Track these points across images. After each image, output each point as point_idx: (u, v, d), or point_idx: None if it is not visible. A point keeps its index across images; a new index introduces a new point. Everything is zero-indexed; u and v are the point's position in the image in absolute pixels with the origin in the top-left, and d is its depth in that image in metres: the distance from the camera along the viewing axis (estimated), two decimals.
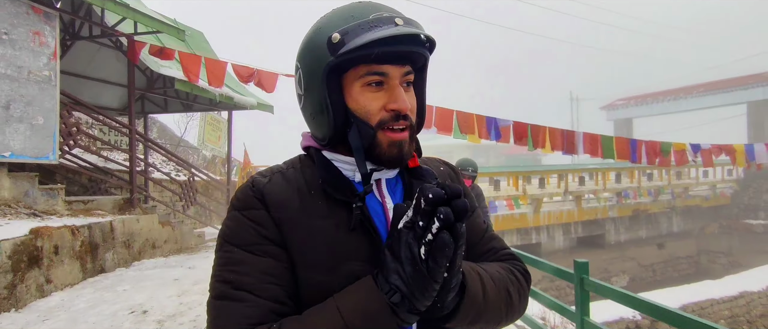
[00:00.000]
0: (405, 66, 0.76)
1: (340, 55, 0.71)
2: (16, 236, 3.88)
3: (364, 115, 0.75)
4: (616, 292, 2.75)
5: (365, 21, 0.71)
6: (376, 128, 0.75)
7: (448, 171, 0.96)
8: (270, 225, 0.74)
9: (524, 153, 41.09)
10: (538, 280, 12.40)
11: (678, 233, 17.15)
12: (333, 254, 0.73)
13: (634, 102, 29.00)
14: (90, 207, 6.12)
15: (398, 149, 0.76)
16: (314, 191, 0.78)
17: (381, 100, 0.75)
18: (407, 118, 0.76)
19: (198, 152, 16.29)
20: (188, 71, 7.03)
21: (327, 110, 0.76)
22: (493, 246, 0.92)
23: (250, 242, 0.73)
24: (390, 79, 0.75)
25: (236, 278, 0.71)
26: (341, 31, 0.71)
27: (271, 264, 0.72)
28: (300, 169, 0.82)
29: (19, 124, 4.88)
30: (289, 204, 0.76)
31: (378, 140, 0.75)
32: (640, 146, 8.49)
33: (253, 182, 0.79)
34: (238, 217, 0.76)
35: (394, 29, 0.70)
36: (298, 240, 0.74)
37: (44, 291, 4.18)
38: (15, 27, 4.81)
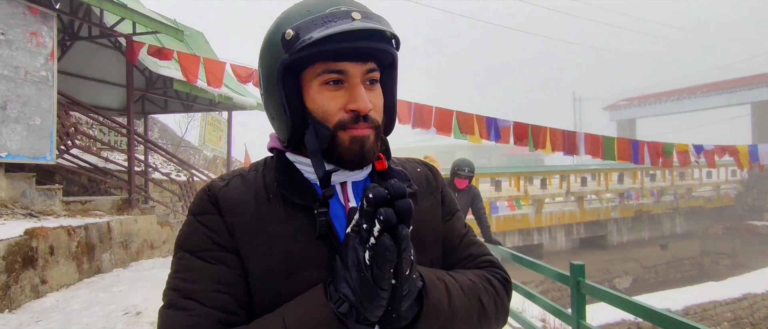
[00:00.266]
0: (367, 63, 0.72)
1: (294, 52, 0.67)
2: (10, 237, 3.86)
3: (322, 115, 0.71)
4: (611, 296, 2.71)
5: (319, 16, 0.67)
6: (335, 129, 0.71)
7: (426, 173, 0.90)
8: (222, 231, 0.71)
9: (526, 154, 40.95)
10: (541, 281, 12.36)
11: (681, 234, 17.05)
12: (288, 261, 0.70)
13: (638, 102, 28.86)
14: (88, 208, 6.11)
15: (360, 146, 0.71)
16: (273, 195, 0.74)
17: (340, 99, 0.71)
18: (369, 119, 0.71)
19: (199, 153, 16.31)
20: (187, 71, 7.01)
21: (284, 111, 0.72)
22: (471, 253, 0.87)
23: (202, 248, 0.71)
24: (349, 78, 0.71)
25: (185, 286, 0.68)
26: (294, 27, 0.67)
27: (222, 271, 0.69)
28: (262, 171, 0.78)
29: (15, 124, 4.88)
30: (244, 209, 0.72)
31: (339, 139, 0.71)
32: (642, 147, 8.43)
33: (210, 187, 0.76)
34: (192, 222, 0.74)
35: (348, 24, 0.65)
36: (251, 247, 0.71)
37: (39, 292, 4.17)
38: (11, 27, 4.80)
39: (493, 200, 12.34)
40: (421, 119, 7.30)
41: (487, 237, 5.02)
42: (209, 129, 12.33)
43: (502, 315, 0.82)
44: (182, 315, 0.66)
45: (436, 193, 0.88)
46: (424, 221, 0.81)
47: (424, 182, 0.87)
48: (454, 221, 0.88)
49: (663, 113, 27.95)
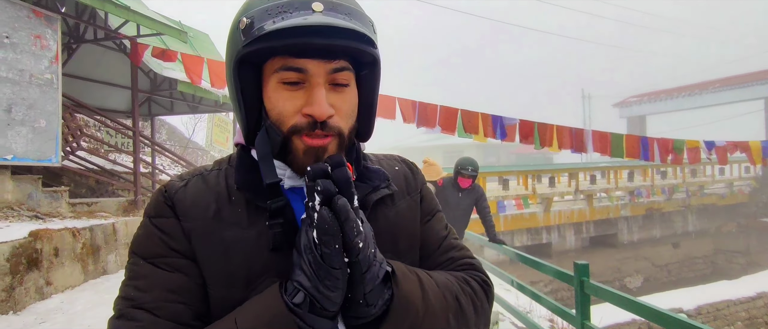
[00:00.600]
0: (333, 61, 0.63)
1: (246, 44, 0.60)
2: (14, 239, 3.89)
3: (277, 117, 0.65)
4: (615, 296, 2.64)
5: (274, 5, 0.60)
6: (288, 134, 0.64)
7: (405, 171, 0.83)
8: (179, 236, 0.66)
9: (535, 152, 40.69)
10: (550, 280, 12.24)
11: (693, 232, 16.78)
12: (249, 269, 0.65)
13: (648, 99, 28.50)
14: (93, 209, 6.15)
15: (314, 157, 0.64)
16: (235, 197, 0.68)
17: (297, 101, 0.64)
18: (327, 127, 0.63)
19: (207, 154, 16.41)
20: (191, 73, 7.04)
21: (238, 105, 0.66)
22: (452, 256, 0.80)
23: (156, 254, 0.66)
24: (310, 77, 0.63)
25: (136, 294, 0.64)
26: (249, 15, 0.61)
27: (177, 279, 0.64)
28: (225, 170, 0.72)
29: (21, 127, 4.92)
30: (203, 213, 0.67)
31: (293, 145, 0.65)
32: (651, 144, 8.29)
33: (167, 187, 0.70)
34: (147, 225, 0.68)
35: (301, 19, 0.57)
36: (209, 254, 0.65)
37: (44, 294, 4.19)
38: (16, 30, 4.84)
39: (500, 199, 12.24)
40: (425, 118, 7.25)
41: (492, 237, 4.96)
42: (216, 130, 12.40)
43: (482, 321, 0.76)
44: (132, 326, 0.62)
45: (414, 193, 0.81)
46: (399, 225, 0.75)
47: (402, 180, 0.81)
48: (433, 222, 0.82)
49: (674, 110, 27.58)
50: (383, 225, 0.73)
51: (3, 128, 4.74)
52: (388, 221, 0.74)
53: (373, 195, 0.72)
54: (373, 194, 0.72)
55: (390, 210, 0.75)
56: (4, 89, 4.73)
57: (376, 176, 0.73)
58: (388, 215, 0.74)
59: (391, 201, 0.76)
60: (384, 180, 0.74)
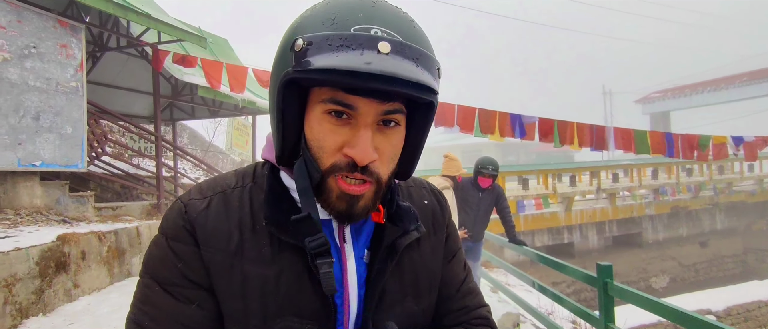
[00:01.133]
0: (386, 103, 0.58)
1: (298, 70, 0.55)
2: (43, 243, 4.01)
3: (317, 150, 0.60)
4: (640, 297, 2.57)
5: (338, 34, 0.53)
6: (326, 174, 0.60)
7: (433, 206, 0.79)
8: (197, 266, 0.63)
9: (555, 150, 40.11)
10: (573, 280, 12.04)
11: (722, 230, 16.29)
12: (269, 306, 0.62)
13: (672, 94, 27.82)
14: (118, 213, 6.30)
15: (347, 204, 0.60)
16: (259, 226, 0.64)
17: (340, 137, 0.59)
18: (367, 171, 0.59)
19: (227, 157, 16.64)
20: (210, 77, 7.15)
21: (278, 126, 0.62)
22: (467, 305, 0.78)
23: (171, 281, 0.63)
24: (359, 116, 0.58)
25: (149, 324, 0.62)
26: (307, 39, 0.54)
27: (192, 312, 0.62)
28: (249, 189, 0.67)
29: (48, 134, 5.07)
30: (225, 244, 0.63)
31: (327, 186, 0.60)
32: (676, 141, 8.07)
33: (187, 208, 0.65)
34: (164, 246, 0.65)
35: (362, 61, 0.51)
36: (227, 289, 0.62)
37: (72, 296, 4.31)
38: (43, 40, 4.99)
39: (520, 198, 12.10)
40: (443, 118, 7.21)
41: (512, 237, 4.90)
42: (236, 134, 12.57)
43: None
44: None
45: (441, 231, 0.79)
46: (424, 266, 0.73)
47: (430, 217, 0.78)
48: (454, 262, 0.80)
49: (699, 105, 26.85)
50: (408, 267, 0.71)
51: (31, 135, 4.89)
52: (413, 263, 0.72)
53: (404, 240, 0.68)
54: (404, 239, 0.68)
55: (415, 252, 0.72)
56: (32, 97, 4.88)
57: (406, 217, 0.69)
58: (413, 256, 0.72)
59: (417, 242, 0.73)
60: (414, 221, 0.70)
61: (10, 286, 3.57)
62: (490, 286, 6.04)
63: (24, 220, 4.68)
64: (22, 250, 3.73)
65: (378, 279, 0.66)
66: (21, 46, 4.78)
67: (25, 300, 3.72)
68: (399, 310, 0.68)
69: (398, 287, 0.69)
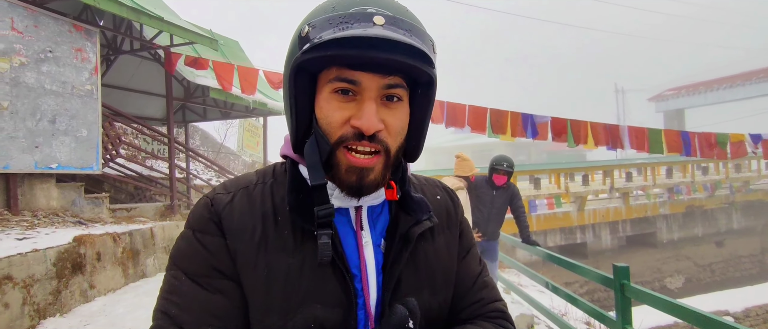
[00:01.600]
0: (387, 77, 0.63)
1: (305, 52, 0.60)
2: (60, 244, 4.07)
3: (326, 126, 0.64)
4: (658, 299, 2.53)
5: (337, 15, 0.59)
6: (335, 145, 0.64)
7: (446, 202, 0.83)
8: (224, 257, 0.65)
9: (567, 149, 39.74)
10: (586, 280, 11.91)
11: (739, 230, 16.00)
12: (292, 296, 0.64)
13: (686, 91, 27.40)
14: (133, 214, 6.37)
15: (357, 176, 0.64)
16: (281, 218, 0.67)
17: (347, 112, 0.63)
18: (376, 139, 0.63)
19: (238, 158, 16.76)
20: (222, 79, 7.20)
21: (291, 111, 0.66)
22: (482, 297, 0.80)
23: (199, 272, 0.65)
24: (362, 90, 0.63)
25: (176, 312, 0.64)
26: (311, 24, 0.61)
27: (218, 302, 0.64)
28: (270, 185, 0.71)
29: (64, 137, 5.14)
30: (250, 235, 0.66)
31: (337, 160, 0.64)
32: (692, 139, 7.93)
33: (213, 202, 0.69)
34: (191, 239, 0.67)
35: (361, 30, 0.57)
36: (253, 278, 0.65)
37: (88, 297, 4.36)
38: (58, 45, 5.06)
39: (532, 198, 12.00)
40: (454, 118, 7.18)
41: (525, 237, 4.85)
42: (247, 135, 12.65)
43: None
44: None
45: (454, 227, 0.81)
46: (438, 260, 0.75)
47: (443, 212, 0.80)
48: (469, 258, 0.82)
49: (715, 102, 26.40)
50: (422, 260, 0.73)
51: (48, 138, 4.96)
52: (427, 256, 0.74)
53: (417, 228, 0.71)
54: (417, 227, 0.71)
55: (430, 245, 0.75)
56: (48, 100, 4.95)
57: (418, 207, 0.72)
58: (427, 249, 0.74)
59: (431, 234, 0.75)
60: (426, 212, 0.72)
61: (29, 287, 3.63)
62: (503, 287, 6.00)
63: (41, 222, 4.75)
64: (39, 251, 3.79)
65: (394, 267, 0.68)
66: (37, 50, 4.85)
67: (43, 300, 3.78)
68: (417, 300, 0.70)
69: (414, 278, 0.71)
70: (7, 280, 3.45)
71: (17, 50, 4.66)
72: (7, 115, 4.58)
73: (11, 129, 4.61)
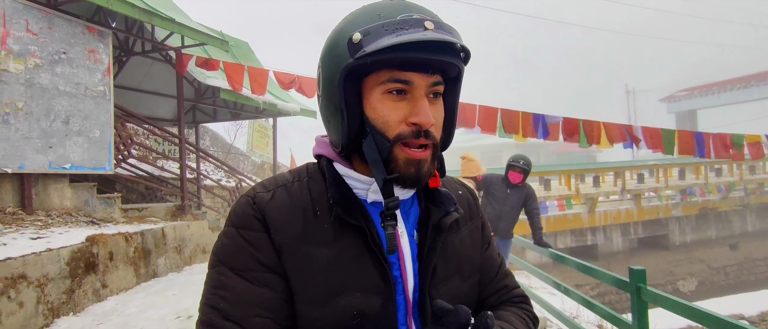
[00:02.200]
0: (433, 76, 0.69)
1: (360, 57, 0.64)
2: (73, 244, 4.10)
3: (382, 125, 0.68)
4: (675, 303, 2.48)
5: (390, 21, 0.64)
6: (393, 142, 0.68)
7: (467, 196, 0.89)
8: (269, 251, 0.69)
9: (578, 151, 39.41)
10: (597, 283, 11.78)
11: (753, 232, 15.74)
12: (334, 284, 0.68)
13: (699, 92, 27.05)
14: (144, 214, 6.41)
15: (416, 168, 0.69)
16: (320, 211, 0.71)
17: (402, 111, 0.68)
18: (429, 135, 0.69)
19: (248, 159, 16.84)
20: (232, 80, 7.23)
21: (342, 115, 0.69)
22: (506, 285, 0.88)
23: (245, 267, 0.68)
24: (414, 89, 0.68)
25: (225, 306, 0.66)
26: (363, 31, 0.64)
27: (264, 294, 0.67)
28: (306, 183, 0.75)
29: (77, 137, 5.19)
30: (292, 227, 0.70)
31: (394, 155, 0.69)
32: (707, 140, 7.81)
33: (255, 198, 0.72)
34: (235, 236, 0.70)
35: (420, 34, 0.62)
36: (296, 270, 0.68)
37: (100, 296, 4.39)
38: (72, 46, 5.12)
39: (542, 199, 11.90)
40: (464, 118, 7.13)
41: (538, 239, 4.80)
42: (256, 136, 12.69)
43: None
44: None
45: (476, 218, 0.88)
46: (464, 249, 0.81)
47: (465, 205, 0.86)
48: (491, 250, 0.89)
49: (728, 103, 26.02)
50: (451, 249, 0.78)
51: (62, 138, 5.01)
52: (455, 245, 0.80)
53: (447, 219, 0.76)
54: (447, 218, 0.76)
55: (456, 235, 0.81)
56: (62, 101, 5.01)
57: (446, 199, 0.77)
58: (455, 239, 0.80)
59: (457, 225, 0.81)
60: (452, 204, 0.77)
61: (43, 286, 3.66)
62: None
63: (55, 221, 4.80)
64: (53, 251, 3.82)
65: (430, 255, 0.73)
66: (52, 51, 4.91)
67: (57, 299, 3.81)
68: (449, 286, 0.75)
69: (446, 266, 0.76)
70: (22, 279, 3.48)
71: (32, 52, 4.72)
72: (22, 116, 4.63)
73: (26, 130, 4.67)
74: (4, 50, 4.47)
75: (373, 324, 0.68)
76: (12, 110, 4.55)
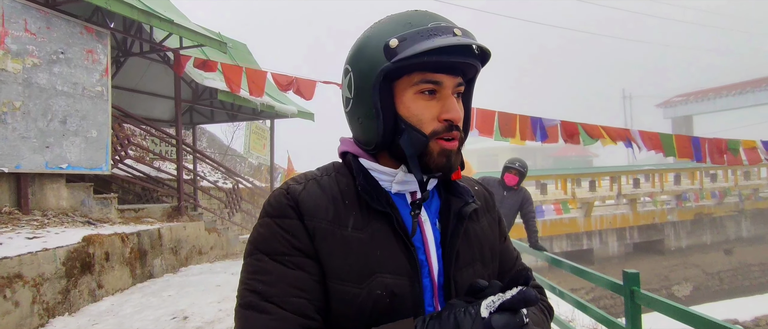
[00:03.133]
0: (458, 77, 0.77)
1: (398, 60, 0.71)
2: (69, 244, 4.10)
3: (417, 123, 0.76)
4: (668, 306, 2.50)
5: (424, 29, 0.72)
6: (430, 137, 0.75)
7: (483, 192, 0.96)
8: (303, 236, 0.74)
9: (574, 155, 39.52)
10: (592, 287, 11.80)
11: (748, 238, 15.81)
12: (365, 266, 0.73)
13: (694, 98, 27.20)
14: (140, 215, 6.40)
15: (447, 158, 0.76)
16: (349, 200, 0.78)
17: (434, 109, 0.76)
18: (458, 129, 0.77)
19: (244, 160, 16.81)
20: (230, 82, 7.24)
21: (377, 115, 0.75)
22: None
23: (282, 252, 0.73)
24: (443, 89, 0.76)
25: (264, 288, 0.71)
26: (399, 37, 0.71)
27: (301, 276, 0.72)
28: (334, 177, 0.81)
29: (75, 137, 5.18)
30: (324, 214, 0.75)
31: (429, 149, 0.76)
32: (703, 145, 7.86)
33: (288, 189, 0.78)
34: (270, 224, 0.76)
35: (454, 39, 0.70)
36: (330, 252, 0.74)
37: (96, 296, 4.39)
38: (70, 46, 5.12)
39: (538, 203, 11.92)
40: None
41: (533, 242, 4.83)
42: (253, 137, 12.68)
43: None
44: (264, 318, 0.69)
45: (493, 211, 0.95)
46: (484, 237, 0.87)
47: (483, 199, 0.93)
48: (508, 243, 0.96)
49: (724, 109, 26.17)
50: (473, 236, 0.84)
51: (59, 138, 5.01)
52: (476, 233, 0.86)
53: (467, 208, 0.82)
54: (467, 208, 0.83)
55: (476, 224, 0.87)
56: (59, 101, 5.00)
57: (464, 191, 0.84)
58: (475, 228, 0.86)
59: (476, 216, 0.87)
60: (470, 196, 0.84)
61: (38, 286, 3.65)
62: None
63: (51, 221, 4.79)
64: (49, 251, 3.82)
65: (453, 240, 0.79)
66: (50, 51, 4.91)
67: (52, 299, 3.80)
68: (472, 271, 0.81)
69: (468, 252, 0.82)
70: (18, 279, 3.48)
71: (30, 51, 4.72)
72: (19, 115, 4.63)
73: (23, 129, 4.66)
74: (2, 50, 4.47)
75: (403, 304, 0.73)
76: (9, 109, 4.54)
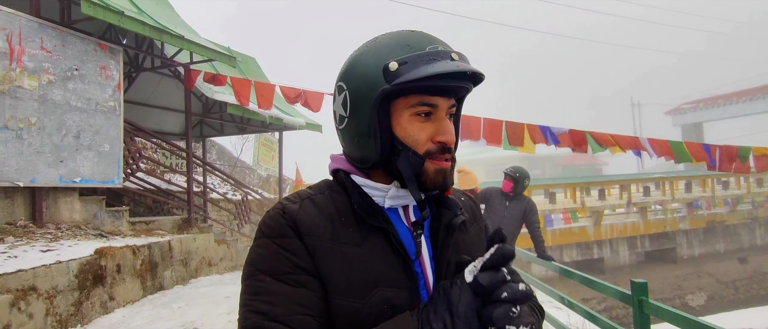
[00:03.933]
0: (451, 99, 0.79)
1: (398, 84, 0.72)
2: (82, 256, 4.17)
3: (413, 143, 0.77)
4: (678, 317, 2.49)
5: (423, 53, 0.73)
6: (424, 158, 0.77)
7: (470, 203, 0.97)
8: (304, 254, 0.74)
9: (583, 164, 39.25)
10: (604, 297, 11.65)
11: (762, 246, 15.55)
12: (366, 281, 0.74)
13: (704, 105, 26.97)
14: (151, 227, 6.47)
15: (443, 177, 0.79)
16: (345, 217, 0.79)
17: (428, 130, 0.78)
18: (451, 150, 0.79)
19: (254, 172, 16.93)
20: (240, 95, 7.34)
21: (374, 135, 0.77)
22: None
23: (284, 271, 0.73)
24: (438, 111, 0.78)
25: (269, 309, 0.71)
26: (399, 61, 0.73)
27: (305, 294, 0.73)
28: (328, 195, 0.82)
29: (88, 151, 5.29)
30: (322, 232, 0.76)
31: (425, 168, 0.78)
32: (713, 151, 7.79)
33: (284, 209, 0.78)
34: (269, 245, 0.76)
35: (453, 65, 0.72)
36: (331, 269, 0.74)
37: (108, 308, 4.44)
38: (84, 63, 5.24)
39: (547, 212, 11.86)
40: (469, 131, 7.18)
41: (540, 253, 4.81)
42: (262, 149, 12.79)
43: None
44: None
45: (480, 221, 0.97)
46: (473, 247, 0.88)
47: (470, 210, 0.95)
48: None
49: (734, 116, 25.90)
50: (462, 246, 0.86)
51: (72, 152, 5.11)
52: (465, 243, 0.87)
53: (456, 220, 0.84)
54: (455, 219, 0.84)
55: (465, 234, 0.89)
56: (74, 117, 5.12)
57: (453, 204, 0.86)
58: (465, 238, 0.88)
59: (464, 227, 0.89)
60: (458, 208, 0.86)
61: (52, 298, 3.72)
62: None
63: (64, 234, 4.87)
64: (63, 263, 3.88)
65: (443, 252, 0.81)
66: (64, 68, 5.03)
67: (65, 311, 3.86)
68: None
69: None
70: (32, 291, 3.54)
71: (46, 69, 4.84)
72: (35, 131, 4.74)
73: (38, 144, 4.77)
74: (19, 68, 4.60)
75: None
76: (25, 125, 4.66)
